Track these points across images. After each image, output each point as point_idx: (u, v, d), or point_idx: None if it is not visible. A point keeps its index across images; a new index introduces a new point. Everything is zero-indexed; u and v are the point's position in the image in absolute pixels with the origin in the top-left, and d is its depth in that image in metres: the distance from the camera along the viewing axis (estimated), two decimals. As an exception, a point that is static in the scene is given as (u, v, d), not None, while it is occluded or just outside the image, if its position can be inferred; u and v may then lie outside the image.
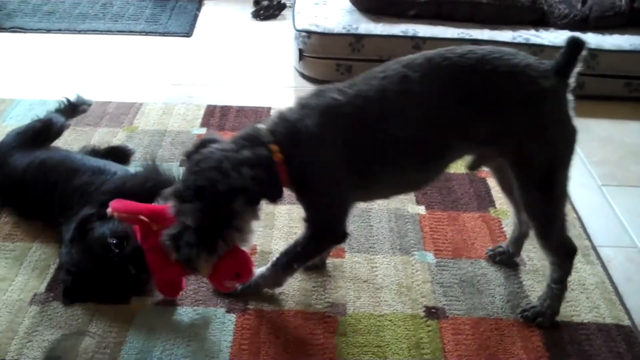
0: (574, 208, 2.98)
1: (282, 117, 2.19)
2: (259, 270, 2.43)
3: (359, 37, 3.92)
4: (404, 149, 2.18)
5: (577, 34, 3.86)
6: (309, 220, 2.29)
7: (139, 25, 4.81)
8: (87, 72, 4.13)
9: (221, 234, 2.15)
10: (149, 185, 2.56)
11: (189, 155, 2.19)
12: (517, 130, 2.16)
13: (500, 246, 2.69)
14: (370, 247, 2.72)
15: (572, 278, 2.56)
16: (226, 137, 2.23)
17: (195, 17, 4.99)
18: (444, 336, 2.33)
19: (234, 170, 2.04)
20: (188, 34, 4.74)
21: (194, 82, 4.05)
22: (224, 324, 2.34)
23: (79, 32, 4.69)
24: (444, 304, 2.46)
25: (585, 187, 3.17)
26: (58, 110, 3.18)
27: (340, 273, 2.58)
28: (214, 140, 2.19)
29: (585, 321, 2.42)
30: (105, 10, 5.00)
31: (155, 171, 2.70)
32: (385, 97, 2.14)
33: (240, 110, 3.68)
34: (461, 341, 2.32)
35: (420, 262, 2.65)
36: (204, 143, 2.19)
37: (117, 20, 4.86)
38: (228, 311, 2.39)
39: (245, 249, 2.27)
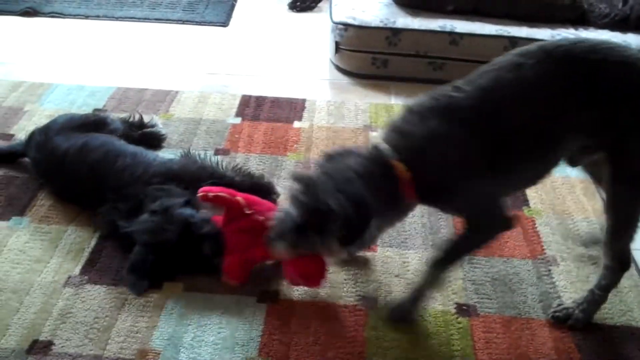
0: (609, 210, 2.95)
1: (399, 130, 2.15)
2: (419, 279, 2.34)
3: (396, 31, 3.90)
4: (525, 137, 2.13)
5: (618, 34, 3.86)
6: (469, 219, 2.24)
7: (176, 14, 4.83)
8: (124, 59, 4.16)
9: (310, 239, 2.14)
10: (193, 170, 2.70)
11: (329, 157, 2.20)
12: (622, 122, 2.11)
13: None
14: (402, 242, 2.71)
15: (606, 280, 2.56)
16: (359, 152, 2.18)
17: (232, 6, 5.00)
18: (475, 334, 2.32)
19: (348, 200, 2.02)
20: (225, 23, 4.75)
21: (229, 72, 4.06)
22: (255, 313, 2.35)
23: (117, 18, 4.72)
24: (475, 302, 2.45)
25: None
26: (125, 120, 3.17)
27: (371, 267, 2.58)
28: (352, 154, 2.16)
29: (618, 324, 2.40)
30: (144, -2, 5.04)
31: (193, 158, 2.81)
32: (502, 85, 2.11)
33: (275, 101, 3.68)
34: (492, 339, 2.31)
35: (453, 258, 2.64)
36: (344, 153, 2.18)
37: (154, 8, 4.88)
38: (259, 300, 2.40)
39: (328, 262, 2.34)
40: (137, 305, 2.36)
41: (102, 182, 2.63)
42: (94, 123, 2.98)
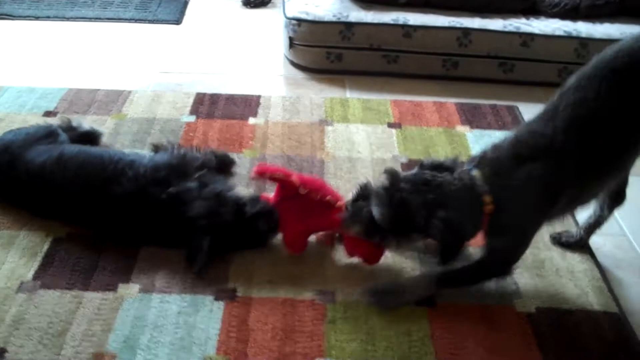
0: (563, 196, 2.98)
1: (493, 165, 2.25)
2: (411, 277, 2.51)
3: (350, 25, 3.89)
4: (608, 151, 2.24)
5: (568, 22, 3.91)
6: (491, 253, 2.33)
7: (128, 13, 4.78)
8: (76, 60, 4.11)
9: (385, 237, 2.30)
10: (184, 159, 2.77)
11: (426, 166, 2.31)
12: None
13: (569, 231, 2.73)
14: (359, 235, 2.71)
15: (561, 265, 2.59)
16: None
17: (185, 4, 4.96)
18: (432, 323, 2.33)
19: (440, 220, 2.14)
20: (178, 21, 4.71)
21: (183, 70, 4.03)
22: (212, 312, 2.33)
23: (68, 19, 4.66)
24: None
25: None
26: (60, 126, 3.05)
27: (329, 261, 2.58)
28: (449, 169, 2.27)
29: (573, 308, 2.42)
30: (95, -2, 4.97)
31: (171, 149, 2.90)
32: (579, 122, 2.19)
33: (230, 98, 3.66)
34: (449, 328, 2.32)
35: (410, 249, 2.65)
36: (441, 166, 2.29)
37: (106, 8, 4.83)
38: (216, 299, 2.39)
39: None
40: (92, 308, 2.33)
41: (99, 191, 2.57)
42: (49, 134, 2.88)
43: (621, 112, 2.20)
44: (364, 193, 2.35)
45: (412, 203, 2.18)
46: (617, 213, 2.65)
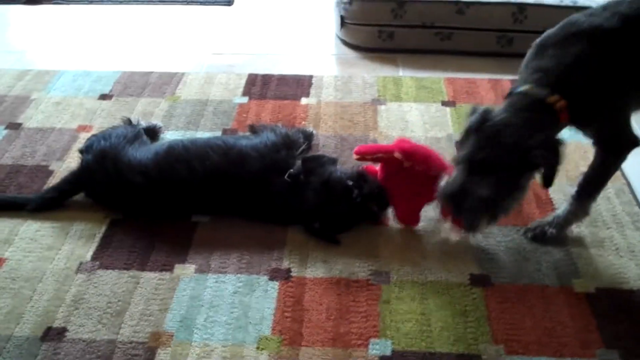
0: (623, 174, 2.89)
1: (539, 68, 2.23)
2: (561, 209, 2.55)
3: (401, 3, 3.84)
4: None
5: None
6: (600, 141, 2.38)
7: (180, -5, 4.80)
8: (129, 43, 4.15)
9: (503, 204, 2.24)
10: (292, 140, 2.82)
11: (477, 129, 2.20)
12: None
13: None
14: (413, 215, 2.69)
15: (621, 244, 2.53)
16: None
17: (236, -15, 4.96)
18: (489, 304, 2.30)
19: (531, 150, 2.09)
20: (229, 2, 4.71)
21: (235, 51, 4.04)
22: (267, 292, 2.34)
23: (121, 2, 4.70)
24: (489, 272, 2.43)
25: (634, 152, 3.08)
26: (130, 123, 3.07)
27: (384, 241, 2.57)
28: (491, 112, 2.22)
29: (634, 288, 2.37)
30: (147, -19, 4.99)
31: (268, 126, 2.96)
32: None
33: (282, 79, 3.66)
34: (506, 309, 2.29)
35: (465, 229, 2.62)
36: (486, 115, 2.21)
37: (158, -10, 4.86)
38: (271, 279, 2.39)
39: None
40: (149, 288, 2.36)
41: (229, 176, 2.60)
42: (137, 135, 2.85)
43: None
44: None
45: (496, 157, 2.13)
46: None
